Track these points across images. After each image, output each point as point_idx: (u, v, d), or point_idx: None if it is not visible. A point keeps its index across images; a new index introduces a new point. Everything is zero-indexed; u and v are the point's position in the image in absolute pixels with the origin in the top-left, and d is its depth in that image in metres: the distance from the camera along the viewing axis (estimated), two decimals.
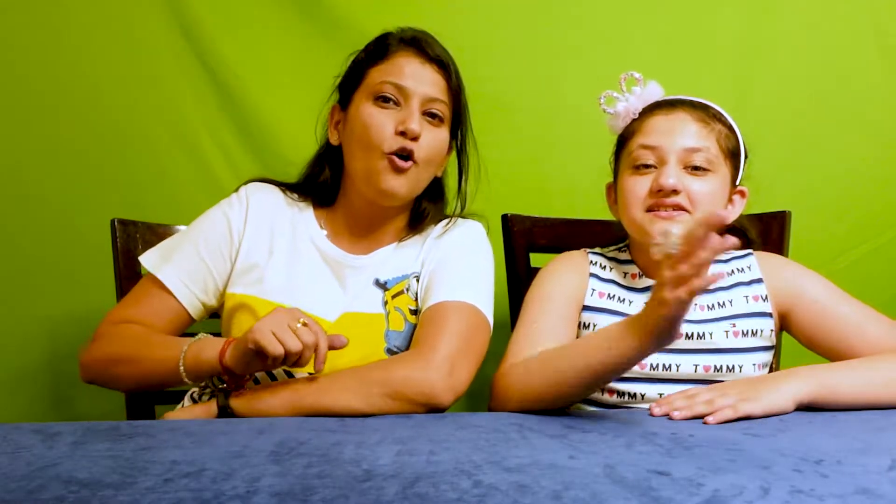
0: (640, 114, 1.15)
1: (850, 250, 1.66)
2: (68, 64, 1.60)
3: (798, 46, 1.66)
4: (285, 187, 1.17)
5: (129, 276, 1.21)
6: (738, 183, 1.15)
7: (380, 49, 1.10)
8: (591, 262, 1.19)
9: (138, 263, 1.23)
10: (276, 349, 0.86)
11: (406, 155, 1.05)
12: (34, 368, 1.60)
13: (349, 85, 1.12)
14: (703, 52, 1.66)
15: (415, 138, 1.04)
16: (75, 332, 1.60)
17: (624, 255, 1.21)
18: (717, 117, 1.13)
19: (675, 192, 1.06)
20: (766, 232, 1.38)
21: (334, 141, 1.13)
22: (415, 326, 1.07)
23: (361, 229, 1.13)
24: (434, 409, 0.94)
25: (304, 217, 1.14)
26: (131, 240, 1.22)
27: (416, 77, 1.06)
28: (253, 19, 1.62)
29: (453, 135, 1.14)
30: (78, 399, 1.62)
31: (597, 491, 0.61)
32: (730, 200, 1.14)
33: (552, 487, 0.62)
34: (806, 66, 1.66)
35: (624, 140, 1.16)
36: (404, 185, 1.06)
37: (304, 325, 0.89)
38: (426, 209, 1.16)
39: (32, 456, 0.71)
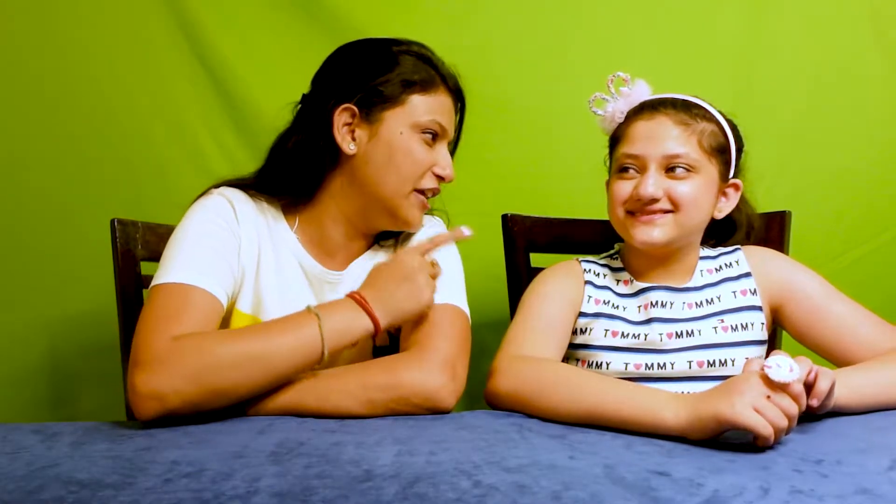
0: (626, 117, 1.16)
1: (850, 250, 1.66)
2: (68, 64, 1.60)
3: (798, 46, 1.66)
4: (253, 190, 1.09)
5: (128, 276, 1.21)
6: (731, 177, 1.15)
7: (426, 76, 1.06)
8: (585, 269, 1.20)
9: (138, 263, 1.23)
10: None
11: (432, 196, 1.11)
12: (34, 368, 1.60)
13: (376, 97, 1.05)
14: (702, 52, 1.65)
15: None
16: (75, 332, 1.60)
17: (616, 263, 1.22)
18: (702, 115, 1.12)
19: (654, 200, 1.09)
20: (765, 232, 1.38)
21: (348, 150, 1.05)
22: (397, 338, 1.07)
23: (337, 241, 1.11)
24: (438, 412, 0.94)
25: (278, 226, 1.09)
26: (131, 240, 1.22)
27: (450, 119, 1.10)
28: (252, 19, 1.62)
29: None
30: (78, 398, 1.62)
31: (596, 491, 0.61)
32: (723, 194, 1.15)
33: (552, 488, 0.62)
34: (806, 66, 1.66)
35: (614, 143, 1.19)
36: (422, 219, 1.12)
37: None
38: None
39: (32, 456, 0.72)
